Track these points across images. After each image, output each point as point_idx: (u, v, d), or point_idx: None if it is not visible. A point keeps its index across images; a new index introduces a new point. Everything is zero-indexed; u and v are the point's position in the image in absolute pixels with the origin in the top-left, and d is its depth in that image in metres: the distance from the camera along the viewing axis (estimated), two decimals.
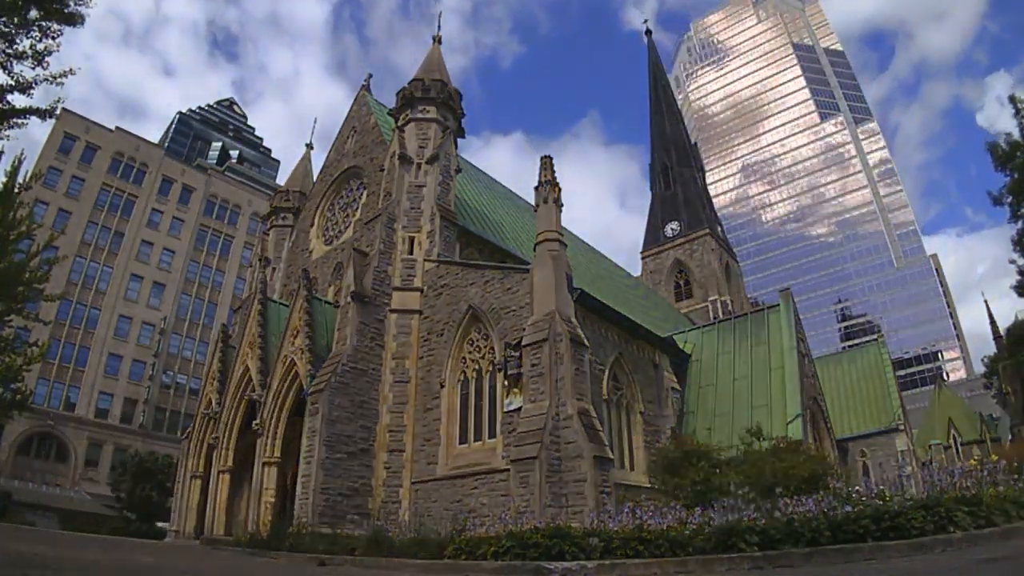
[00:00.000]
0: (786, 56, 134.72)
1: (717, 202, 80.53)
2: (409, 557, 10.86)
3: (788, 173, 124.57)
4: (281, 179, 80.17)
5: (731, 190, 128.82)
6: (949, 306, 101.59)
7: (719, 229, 53.99)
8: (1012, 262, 28.93)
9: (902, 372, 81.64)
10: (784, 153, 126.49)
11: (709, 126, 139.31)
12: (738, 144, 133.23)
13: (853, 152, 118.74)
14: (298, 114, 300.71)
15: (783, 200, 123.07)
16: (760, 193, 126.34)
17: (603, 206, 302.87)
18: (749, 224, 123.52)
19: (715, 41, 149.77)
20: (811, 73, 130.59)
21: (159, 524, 31.26)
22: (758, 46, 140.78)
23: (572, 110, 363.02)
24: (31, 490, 38.64)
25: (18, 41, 12.49)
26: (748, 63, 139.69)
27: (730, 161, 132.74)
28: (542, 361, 15.78)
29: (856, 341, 68.84)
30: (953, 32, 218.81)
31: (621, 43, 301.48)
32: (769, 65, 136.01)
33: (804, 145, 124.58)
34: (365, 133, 26.60)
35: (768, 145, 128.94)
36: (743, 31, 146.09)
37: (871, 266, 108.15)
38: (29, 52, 12.50)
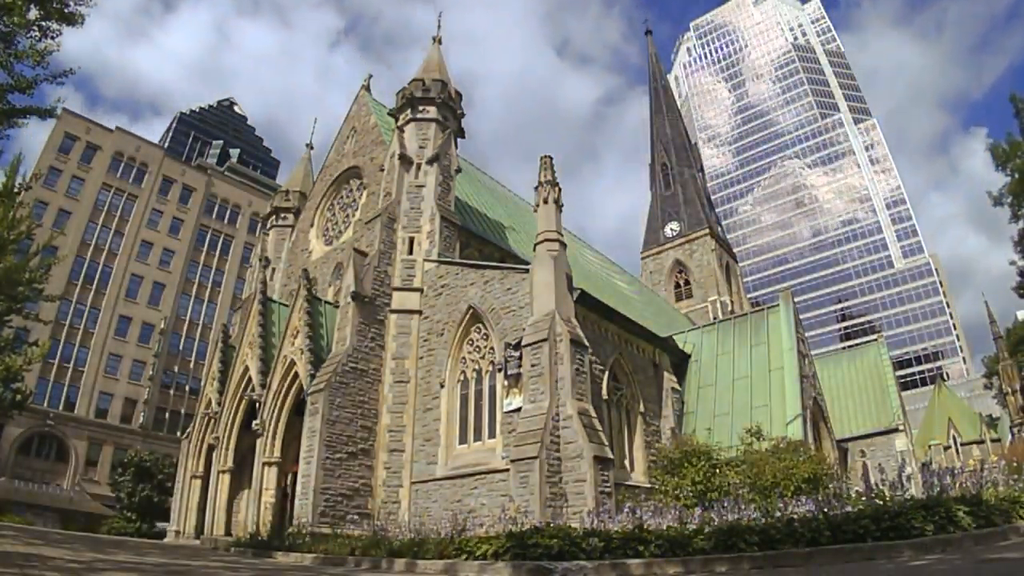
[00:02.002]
0: (785, 55, 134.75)
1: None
2: (409, 557, 10.85)
3: (788, 173, 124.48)
4: (281, 179, 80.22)
5: (729, 188, 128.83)
6: (949, 306, 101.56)
7: (719, 229, 53.98)
8: (1012, 263, 28.99)
9: (902, 372, 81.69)
10: (784, 152, 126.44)
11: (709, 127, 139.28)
12: (737, 144, 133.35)
13: (853, 151, 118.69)
14: None
15: (783, 200, 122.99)
16: (760, 192, 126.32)
17: (530, 49, 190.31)
18: (749, 224, 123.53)
19: (715, 40, 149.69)
20: (810, 73, 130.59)
21: (159, 524, 31.23)
22: (758, 45, 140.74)
23: None
24: (31, 490, 38.65)
25: (18, 41, 12.48)
26: (748, 64, 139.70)
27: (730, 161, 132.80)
28: (542, 361, 15.78)
29: (856, 341, 68.73)
30: None
31: None
32: (768, 64, 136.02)
33: (803, 144, 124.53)
34: (365, 133, 26.61)
35: (768, 145, 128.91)
36: (745, 30, 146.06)
37: (871, 266, 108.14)
38: (29, 52, 12.48)
